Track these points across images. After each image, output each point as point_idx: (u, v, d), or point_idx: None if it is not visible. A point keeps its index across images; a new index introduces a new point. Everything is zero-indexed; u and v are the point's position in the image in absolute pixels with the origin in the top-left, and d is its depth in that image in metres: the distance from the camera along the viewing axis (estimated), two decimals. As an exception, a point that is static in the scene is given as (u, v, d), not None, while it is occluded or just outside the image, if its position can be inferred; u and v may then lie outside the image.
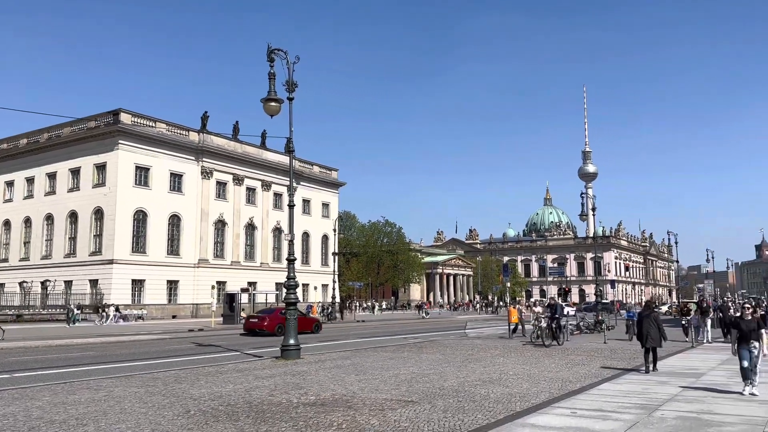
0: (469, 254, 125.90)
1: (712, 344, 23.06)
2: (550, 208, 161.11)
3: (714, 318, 28.20)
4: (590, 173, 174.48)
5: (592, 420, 8.96)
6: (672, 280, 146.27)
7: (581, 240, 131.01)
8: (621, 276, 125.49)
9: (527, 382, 13.15)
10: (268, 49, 18.86)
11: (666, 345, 18.67)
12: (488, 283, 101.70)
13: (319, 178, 70.06)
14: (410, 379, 13.56)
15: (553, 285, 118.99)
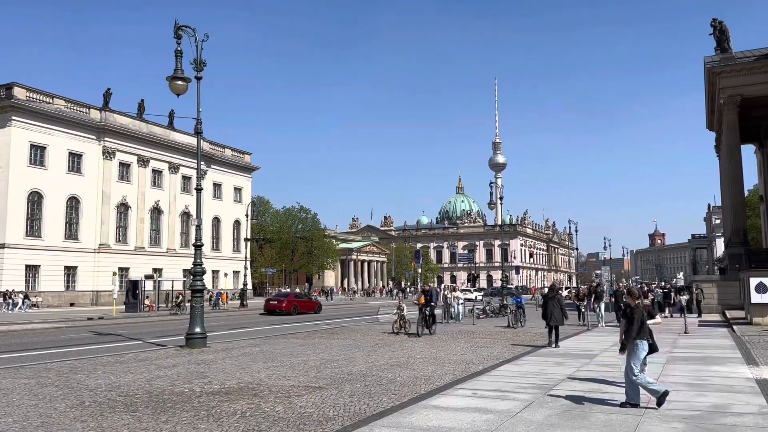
0: (384, 241, 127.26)
1: (605, 327, 24.57)
2: (462, 197, 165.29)
3: (609, 302, 30.14)
4: (500, 163, 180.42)
5: (491, 400, 9.31)
6: (572, 267, 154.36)
7: (490, 228, 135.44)
8: (526, 262, 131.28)
9: (433, 365, 13.49)
10: (175, 26, 18.10)
11: (563, 328, 19.77)
12: (402, 269, 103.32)
13: (231, 161, 68.26)
14: (319, 365, 13.56)
15: (463, 271, 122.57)
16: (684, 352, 15.75)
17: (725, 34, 39.36)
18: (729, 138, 39.80)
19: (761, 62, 37.38)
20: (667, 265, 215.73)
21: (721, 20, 39.65)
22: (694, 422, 7.79)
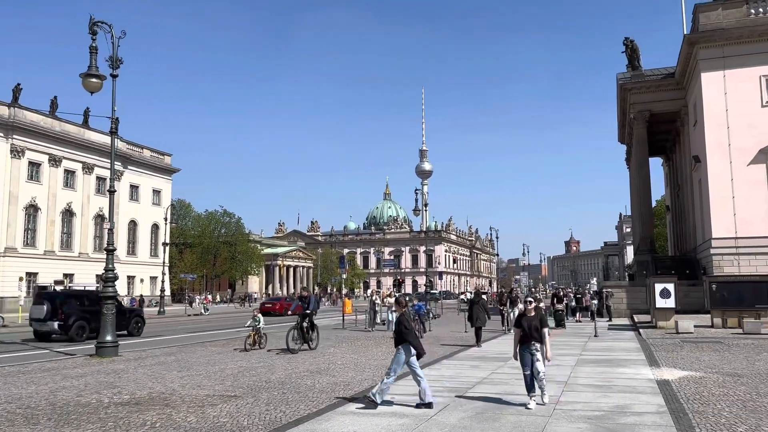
0: (311, 246, 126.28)
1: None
2: (389, 203, 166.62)
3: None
4: (426, 171, 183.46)
5: (408, 405, 9.42)
6: (494, 272, 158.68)
7: (416, 234, 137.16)
8: (450, 268, 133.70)
9: (353, 371, 13.50)
10: (90, 21, 17.36)
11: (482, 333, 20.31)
12: (328, 274, 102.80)
13: (150, 162, 65.84)
14: (237, 373, 13.28)
15: (389, 276, 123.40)
16: (593, 354, 16.51)
17: (636, 53, 41.72)
18: (638, 151, 42.17)
19: (667, 80, 39.86)
20: (582, 271, 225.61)
21: (632, 39, 42.00)
22: (597, 422, 8.17)
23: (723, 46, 32.40)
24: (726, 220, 31.30)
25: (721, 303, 23.51)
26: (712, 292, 23.75)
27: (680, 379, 11.72)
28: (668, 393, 10.20)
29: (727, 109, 31.81)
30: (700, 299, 27.58)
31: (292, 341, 16.93)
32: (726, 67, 32.17)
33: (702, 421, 8.13)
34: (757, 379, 11.56)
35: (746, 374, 12.26)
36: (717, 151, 31.92)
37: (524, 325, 9.16)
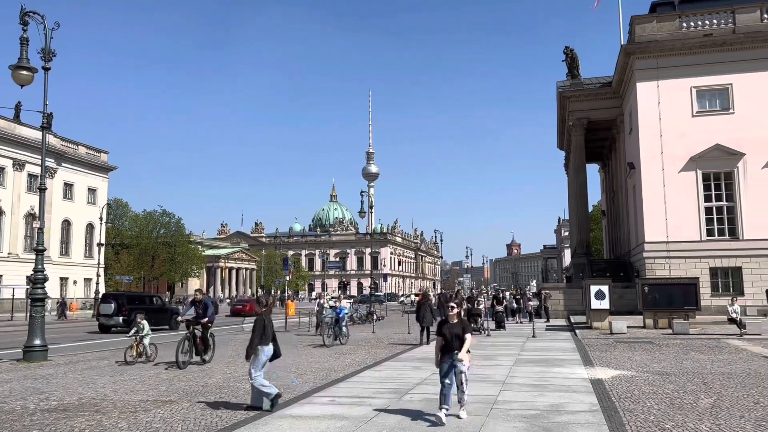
0: (254, 248, 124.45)
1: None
2: (335, 205, 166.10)
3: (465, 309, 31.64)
4: (372, 173, 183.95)
5: (348, 407, 9.38)
6: (438, 274, 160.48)
7: (362, 236, 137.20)
8: (395, 270, 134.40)
9: (294, 373, 13.33)
10: (22, 11, 16.58)
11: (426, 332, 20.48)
12: (272, 277, 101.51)
13: (86, 160, 63.31)
14: (173, 377, 12.90)
15: (335, 278, 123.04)
16: (530, 354, 16.88)
17: (575, 62, 43.09)
18: (576, 157, 43.51)
19: (605, 89, 41.32)
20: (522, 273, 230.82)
21: (572, 48, 43.36)
22: (533, 421, 8.33)
23: (657, 57, 33.83)
24: (658, 225, 32.65)
25: (653, 304, 24.48)
26: (645, 294, 24.70)
27: (613, 378, 12.11)
28: (601, 392, 10.51)
29: (660, 118, 33.21)
30: (633, 301, 28.65)
31: (182, 354, 14.31)
32: (660, 77, 33.60)
33: (632, 418, 8.41)
34: (685, 378, 12.07)
35: (674, 373, 12.79)
36: (650, 158, 33.27)
37: (446, 333, 8.38)
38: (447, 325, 8.51)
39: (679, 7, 35.87)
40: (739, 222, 31.89)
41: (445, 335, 8.38)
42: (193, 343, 14.80)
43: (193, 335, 14.85)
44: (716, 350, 16.95)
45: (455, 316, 8.49)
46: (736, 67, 32.61)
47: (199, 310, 15.23)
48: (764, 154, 31.77)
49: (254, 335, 9.16)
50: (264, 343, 9.15)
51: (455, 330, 8.34)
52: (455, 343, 8.21)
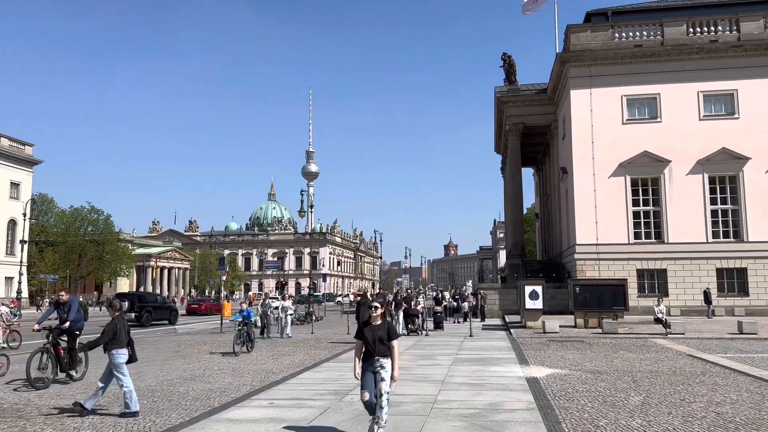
0: (188, 247, 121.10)
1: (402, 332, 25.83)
2: (273, 204, 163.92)
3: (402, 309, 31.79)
4: (312, 172, 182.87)
5: (287, 409, 9.22)
6: (377, 274, 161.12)
7: (300, 236, 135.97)
8: (334, 270, 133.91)
9: (231, 376, 13.03)
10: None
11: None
12: (206, 276, 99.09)
13: (8, 152, 59.94)
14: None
15: (272, 278, 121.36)
16: (468, 354, 17.12)
17: (513, 68, 44.17)
18: (512, 161, 44.59)
19: (540, 96, 42.52)
20: (459, 274, 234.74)
21: (510, 54, 44.45)
22: (472, 419, 8.43)
23: (590, 66, 35.08)
24: (589, 228, 33.85)
25: (584, 304, 25.33)
26: (576, 295, 25.53)
27: (547, 377, 12.42)
28: (537, 390, 10.76)
29: (592, 125, 34.45)
30: (565, 301, 29.57)
31: (39, 370, 11.47)
32: (593, 85, 34.86)
33: (568, 416, 8.63)
34: (615, 376, 12.51)
35: (605, 371, 13.24)
36: (582, 163, 34.46)
37: (367, 336, 7.22)
38: (369, 327, 7.31)
39: (612, 18, 37.32)
40: (664, 226, 33.46)
41: (367, 339, 7.22)
42: (54, 356, 11.77)
43: (54, 346, 11.90)
44: (644, 349, 17.68)
45: (379, 317, 7.36)
46: (664, 77, 34.22)
47: (63, 314, 12.28)
48: (688, 161, 33.46)
49: (101, 337, 9.01)
50: (119, 347, 8.98)
51: (378, 333, 7.24)
52: (378, 347, 7.17)
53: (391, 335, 7.27)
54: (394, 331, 7.38)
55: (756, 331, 21.13)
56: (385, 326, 7.33)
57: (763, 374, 12.29)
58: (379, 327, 7.29)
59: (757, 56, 33.50)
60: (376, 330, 7.25)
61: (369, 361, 7.18)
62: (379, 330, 7.25)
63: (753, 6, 36.02)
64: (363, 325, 7.42)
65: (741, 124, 33.28)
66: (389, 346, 7.24)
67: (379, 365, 7.15)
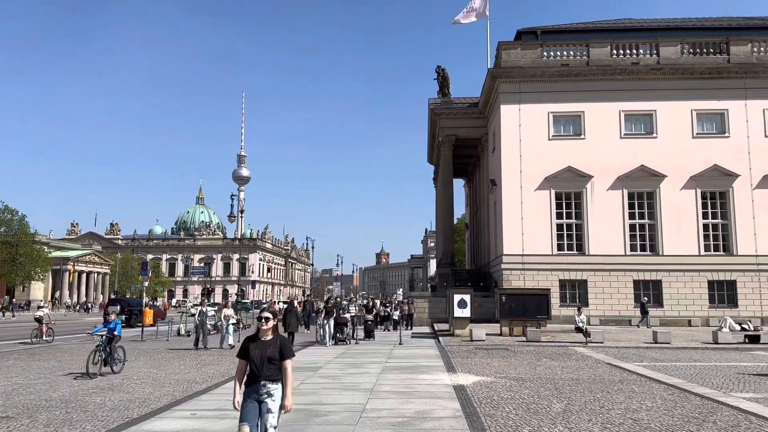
0: (109, 251, 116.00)
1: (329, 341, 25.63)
2: (201, 207, 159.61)
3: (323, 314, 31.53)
4: (243, 177, 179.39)
5: (211, 420, 8.94)
6: (308, 282, 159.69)
7: (229, 241, 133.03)
8: (264, 277, 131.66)
9: (151, 386, 12.51)
10: None
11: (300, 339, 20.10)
12: (127, 282, 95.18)
13: None
14: (10, 391, 11.60)
15: (198, 285, 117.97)
16: (397, 362, 17.18)
17: (447, 80, 45.01)
18: (444, 172, 45.34)
19: (472, 109, 43.49)
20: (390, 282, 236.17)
21: (444, 67, 45.25)
22: (400, 428, 8.43)
23: (520, 82, 36.20)
24: (515, 239, 34.82)
25: (509, 313, 25.98)
26: (502, 303, 26.16)
27: (474, 384, 12.61)
28: (464, 398, 10.90)
29: (520, 140, 35.53)
30: (492, 309, 30.23)
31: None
32: (522, 101, 35.98)
33: (493, 423, 8.77)
34: (538, 383, 12.85)
35: (529, 379, 13.58)
36: (510, 176, 35.45)
37: (253, 354, 5.73)
38: (256, 343, 5.82)
39: (542, 37, 38.69)
40: (585, 239, 34.85)
41: (252, 358, 5.72)
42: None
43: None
44: (565, 357, 18.28)
45: (270, 331, 5.91)
46: (589, 96, 35.77)
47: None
48: (609, 177, 35.02)
49: None
50: None
51: (268, 350, 5.76)
52: (266, 369, 5.67)
53: (285, 353, 5.80)
54: (288, 348, 5.91)
55: (669, 340, 22.27)
56: (277, 342, 5.85)
57: (676, 382, 12.94)
58: (269, 343, 5.80)
59: (675, 79, 35.56)
60: (266, 347, 5.76)
61: (253, 387, 5.66)
62: (269, 347, 5.76)
63: (671, 32, 38.26)
64: (249, 340, 5.88)
65: (659, 143, 35.17)
66: (281, 367, 5.75)
67: (266, 392, 5.64)
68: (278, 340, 5.89)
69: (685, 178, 34.73)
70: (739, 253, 33.99)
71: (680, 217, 34.50)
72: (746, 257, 33.89)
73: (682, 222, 34.49)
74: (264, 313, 5.99)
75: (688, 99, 35.30)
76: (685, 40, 36.48)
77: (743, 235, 34.16)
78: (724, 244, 34.55)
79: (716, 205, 34.95)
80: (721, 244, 34.61)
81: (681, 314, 33.29)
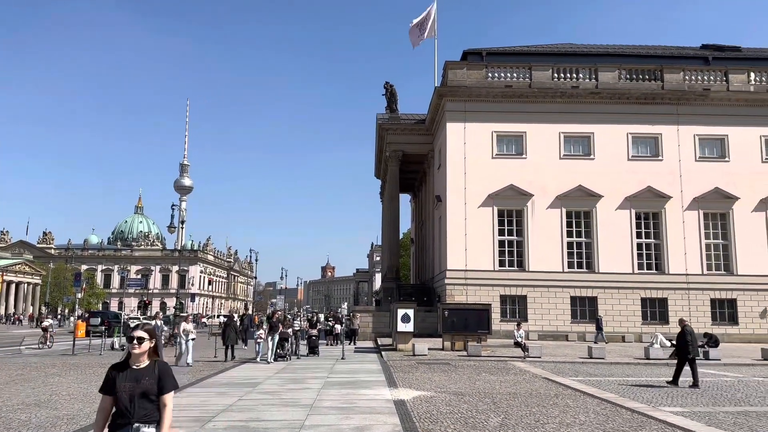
0: (41, 260, 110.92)
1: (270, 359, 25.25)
2: (140, 217, 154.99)
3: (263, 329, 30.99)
4: (186, 186, 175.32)
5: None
6: (250, 295, 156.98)
7: (169, 252, 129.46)
8: (205, 290, 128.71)
9: (81, 402, 12.03)
10: None
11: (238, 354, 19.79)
12: (59, 293, 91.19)
13: None
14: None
15: (135, 297, 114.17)
16: (339, 377, 17.08)
17: (395, 96, 45.48)
18: (391, 187, 45.65)
19: (419, 125, 44.05)
20: (335, 296, 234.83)
21: (392, 84, 45.72)
22: (338, 444, 8.37)
23: (465, 101, 36.96)
24: (459, 254, 35.32)
25: (451, 328, 26.27)
26: (444, 318, 26.42)
27: (414, 399, 12.67)
28: (403, 413, 10.93)
29: (465, 157, 36.19)
30: (435, 324, 30.46)
31: None
32: (467, 120, 36.71)
33: (431, 437, 8.82)
34: (477, 398, 13.03)
35: (468, 393, 13.75)
36: (455, 193, 36.03)
37: (121, 388, 4.33)
38: (126, 372, 4.40)
39: (486, 58, 39.66)
40: (526, 255, 35.68)
41: (120, 393, 4.30)
42: None
43: None
44: (504, 371, 18.60)
45: (144, 356, 4.46)
46: (531, 117, 36.83)
47: None
48: (548, 196, 36.03)
49: None
50: None
51: (143, 382, 4.35)
52: (139, 407, 4.30)
53: (165, 385, 4.40)
54: (169, 377, 4.45)
55: (604, 356, 22.99)
56: (155, 370, 4.43)
57: (609, 396, 13.35)
58: (144, 372, 4.40)
59: (612, 104, 37.05)
60: (140, 377, 4.36)
61: (122, 429, 4.26)
62: (143, 377, 4.37)
63: (610, 58, 39.89)
64: (115, 369, 4.44)
65: (596, 164, 36.48)
66: (159, 404, 4.36)
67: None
68: (156, 368, 4.45)
69: (621, 198, 36.12)
70: (671, 272, 35.51)
71: (615, 236, 35.80)
72: (677, 276, 35.42)
73: (617, 241, 35.79)
74: (136, 331, 4.48)
75: (624, 123, 36.84)
76: (622, 66, 38.11)
77: (674, 254, 35.73)
78: (657, 262, 36.03)
79: (649, 225, 36.46)
80: (654, 262, 36.08)
81: (615, 330, 34.41)
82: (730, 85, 37.62)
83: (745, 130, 36.80)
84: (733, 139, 36.78)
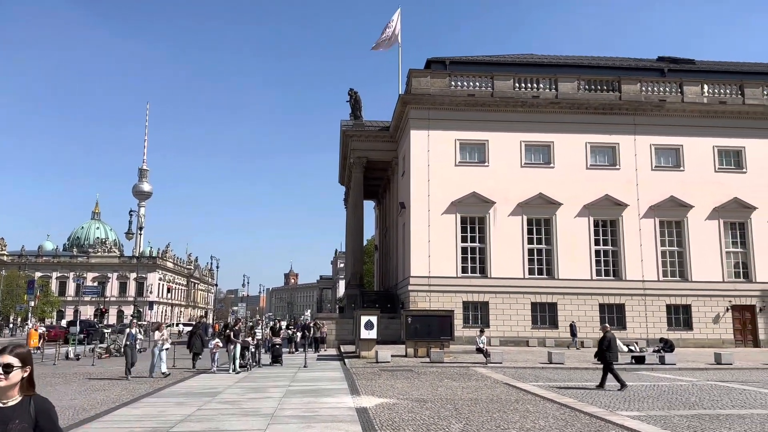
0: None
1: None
2: (97, 223, 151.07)
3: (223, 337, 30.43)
4: (145, 192, 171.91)
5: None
6: (211, 302, 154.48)
7: (127, 259, 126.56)
8: (163, 298, 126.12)
9: (32, 414, 11.59)
10: None
11: (198, 364, 19.41)
12: (11, 301, 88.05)
13: None
14: None
15: (91, 305, 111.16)
16: (301, 385, 16.92)
17: (359, 103, 45.53)
18: (355, 193, 45.63)
19: (384, 133, 44.19)
20: (298, 303, 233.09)
21: (356, 91, 45.80)
22: (299, 453, 8.26)
23: (429, 109, 37.24)
24: (422, 261, 35.47)
25: (414, 334, 26.31)
26: (408, 325, 26.47)
27: (376, 407, 12.63)
28: (365, 420, 10.87)
29: (429, 165, 36.43)
30: (398, 331, 30.50)
31: None
32: (431, 127, 36.99)
33: (392, 445, 8.79)
34: (439, 404, 13.06)
35: (430, 399, 13.78)
36: (419, 200, 36.21)
37: None
38: None
39: (450, 67, 40.09)
40: (488, 262, 36.06)
41: None
42: None
43: None
44: (466, 377, 18.71)
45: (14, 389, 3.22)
46: (493, 125, 37.32)
47: None
48: (510, 203, 36.53)
49: None
50: None
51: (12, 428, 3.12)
52: None
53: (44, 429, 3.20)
54: (50, 421, 3.24)
55: (563, 361, 23.35)
56: (30, 409, 3.21)
57: (568, 401, 13.55)
58: (13, 411, 3.18)
59: (571, 113, 37.84)
60: (7, 419, 3.13)
61: None
62: (13, 419, 3.14)
63: (569, 69, 40.79)
64: None
65: (555, 172, 37.16)
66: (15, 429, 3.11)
67: None
68: (31, 406, 3.21)
69: (580, 206, 36.86)
70: (628, 278, 36.35)
71: (574, 243, 36.48)
72: (634, 282, 36.28)
73: (576, 248, 36.48)
74: (4, 356, 3.21)
75: (583, 132, 37.65)
76: (581, 77, 38.99)
77: (631, 261, 36.60)
78: (614, 269, 36.86)
79: (607, 232, 37.29)
80: (612, 269, 36.90)
81: (575, 335, 35.04)
82: (684, 96, 38.84)
83: (699, 140, 38.02)
84: (687, 149, 37.95)
